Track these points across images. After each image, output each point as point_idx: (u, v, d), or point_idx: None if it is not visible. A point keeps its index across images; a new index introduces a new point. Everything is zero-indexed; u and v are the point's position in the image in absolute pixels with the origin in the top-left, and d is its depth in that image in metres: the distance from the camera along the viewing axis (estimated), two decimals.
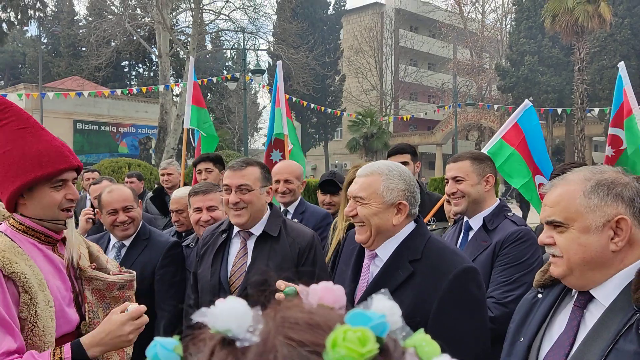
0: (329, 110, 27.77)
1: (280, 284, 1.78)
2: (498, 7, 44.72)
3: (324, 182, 4.08)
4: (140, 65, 42.34)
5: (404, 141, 6.24)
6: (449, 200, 3.17)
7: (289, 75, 25.06)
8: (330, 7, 42.23)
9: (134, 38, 24.45)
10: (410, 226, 2.06)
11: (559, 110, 25.97)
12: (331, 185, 4.04)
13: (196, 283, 2.83)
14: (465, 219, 2.86)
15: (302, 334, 0.51)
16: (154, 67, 39.95)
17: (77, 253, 2.02)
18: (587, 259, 1.45)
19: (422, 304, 1.87)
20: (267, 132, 6.04)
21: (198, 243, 3.06)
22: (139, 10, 24.97)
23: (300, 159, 5.76)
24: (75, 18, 41.54)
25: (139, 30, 25.63)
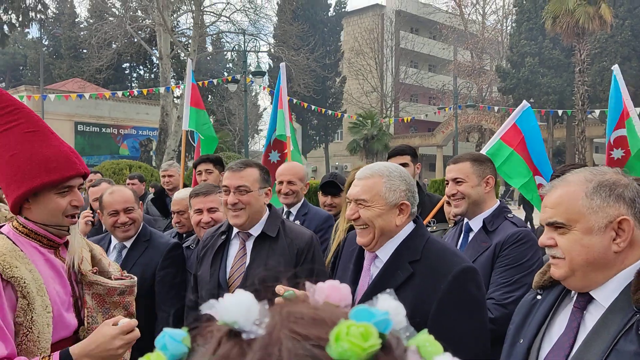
0: (329, 112, 27.80)
1: (279, 289, 1.78)
2: (499, 8, 44.81)
3: (325, 183, 4.07)
4: (141, 67, 42.39)
5: (405, 143, 6.25)
6: (449, 202, 3.17)
7: (289, 77, 25.06)
8: (331, 9, 42.27)
9: (135, 40, 24.49)
10: (409, 227, 2.06)
11: (560, 112, 25.96)
12: (332, 186, 4.04)
13: (196, 285, 2.84)
14: (465, 220, 2.86)
15: (307, 328, 0.52)
16: (154, 69, 39.97)
17: (79, 257, 2.02)
18: (590, 260, 1.45)
19: (422, 305, 1.87)
20: (266, 134, 6.04)
21: (198, 245, 3.06)
22: (140, 12, 25.02)
23: (298, 161, 5.75)
24: (77, 20, 41.60)
25: (140, 32, 25.67)
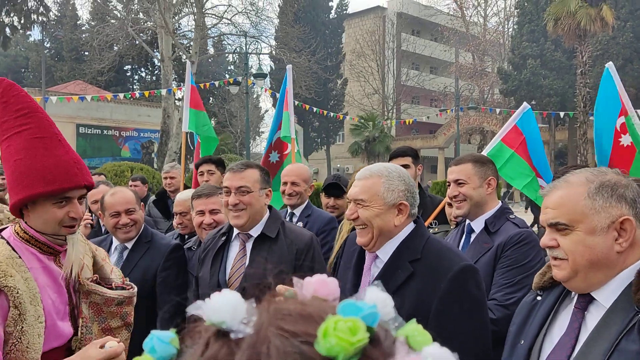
0: (331, 114, 27.80)
1: (280, 289, 1.78)
2: (500, 10, 44.77)
3: (329, 185, 4.08)
4: (142, 70, 42.48)
5: (406, 145, 6.24)
6: (450, 203, 3.17)
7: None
8: (332, 11, 42.32)
9: (137, 42, 24.55)
10: (409, 227, 2.07)
11: (562, 114, 25.96)
12: (335, 188, 4.04)
13: (198, 286, 2.84)
14: (467, 221, 2.86)
15: (294, 324, 0.52)
16: (156, 71, 40.07)
17: (79, 265, 2.00)
18: (594, 260, 1.44)
19: (423, 304, 1.87)
20: (268, 134, 6.05)
21: (200, 247, 3.06)
22: (141, 15, 25.07)
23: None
24: (78, 22, 41.71)
25: (141, 34, 25.74)
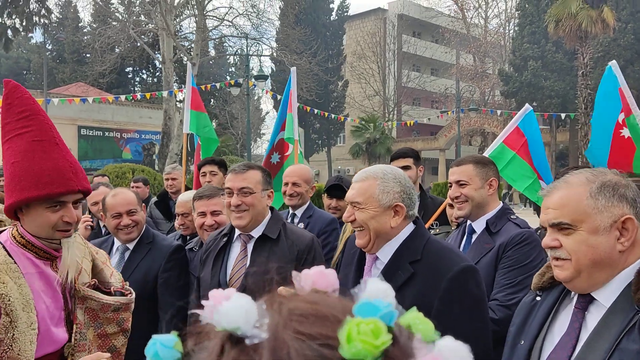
0: (332, 115, 27.80)
1: (282, 291, 1.78)
2: (501, 12, 44.73)
3: (331, 186, 4.10)
4: (144, 72, 42.52)
5: (407, 146, 6.25)
6: (451, 204, 3.16)
7: None
8: (333, 13, 42.37)
9: (138, 44, 24.60)
10: (409, 228, 2.07)
11: (563, 115, 25.91)
12: (338, 189, 4.05)
13: (199, 287, 2.85)
14: (468, 222, 2.86)
15: (311, 326, 0.50)
16: (157, 73, 40.11)
17: (76, 269, 1.98)
18: (597, 259, 1.45)
19: (423, 304, 1.85)
20: (270, 136, 6.06)
21: (202, 248, 3.07)
22: (143, 17, 25.11)
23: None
24: (80, 25, 41.80)
25: (142, 36, 25.79)
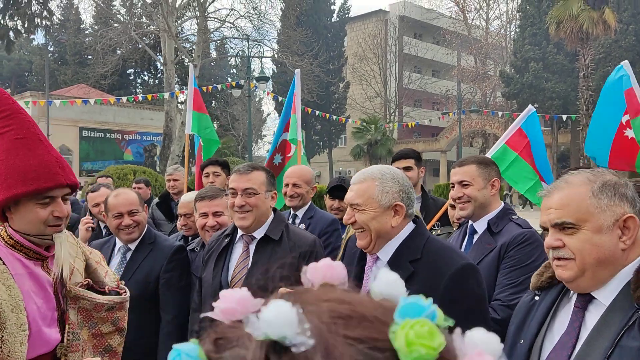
0: (333, 117, 27.81)
1: (282, 292, 1.79)
2: (502, 14, 44.72)
3: (333, 187, 4.11)
4: (145, 73, 42.58)
5: (408, 147, 6.25)
6: (453, 205, 3.17)
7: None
8: (335, 15, 42.39)
9: (140, 46, 24.61)
10: (409, 227, 2.08)
11: (564, 117, 25.89)
12: (340, 190, 4.06)
13: (201, 288, 2.86)
14: (470, 222, 2.86)
15: (356, 329, 0.49)
16: (159, 75, 40.14)
17: (69, 268, 1.96)
18: (602, 258, 1.46)
19: None
20: (273, 137, 6.09)
21: (204, 248, 3.07)
22: (144, 19, 25.15)
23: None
24: (82, 26, 41.86)
25: (144, 38, 25.81)
